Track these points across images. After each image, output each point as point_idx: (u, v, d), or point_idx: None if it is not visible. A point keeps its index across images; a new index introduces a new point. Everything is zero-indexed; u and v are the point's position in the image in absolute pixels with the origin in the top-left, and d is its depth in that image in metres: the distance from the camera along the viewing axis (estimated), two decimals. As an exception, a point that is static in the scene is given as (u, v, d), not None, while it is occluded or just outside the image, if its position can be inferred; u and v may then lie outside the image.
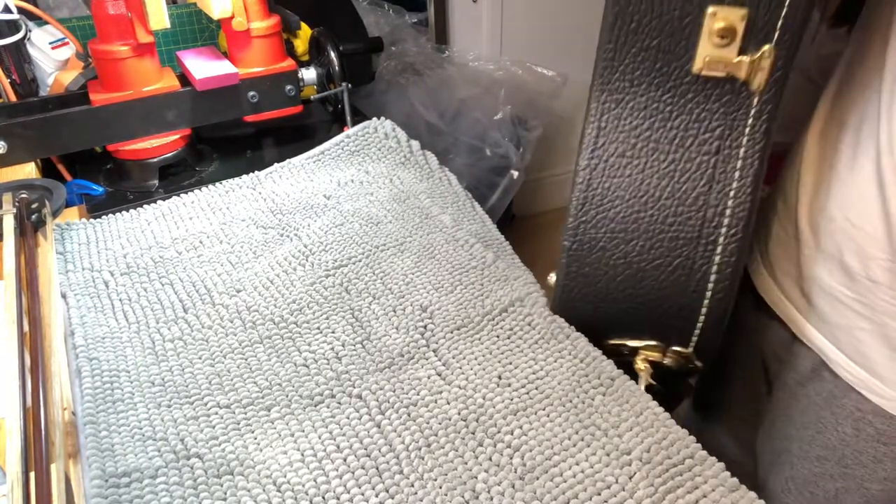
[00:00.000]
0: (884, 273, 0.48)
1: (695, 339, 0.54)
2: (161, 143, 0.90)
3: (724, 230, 0.49)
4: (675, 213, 0.50)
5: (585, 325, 0.57)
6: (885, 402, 0.52)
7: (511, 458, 0.49)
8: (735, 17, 0.43)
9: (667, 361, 0.57)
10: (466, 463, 0.49)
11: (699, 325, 0.53)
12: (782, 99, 0.45)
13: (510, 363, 0.57)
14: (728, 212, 0.49)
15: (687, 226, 0.50)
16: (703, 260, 0.50)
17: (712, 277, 0.51)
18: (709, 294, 0.51)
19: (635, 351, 0.58)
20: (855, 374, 0.53)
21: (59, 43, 0.98)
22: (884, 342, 0.50)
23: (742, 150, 0.47)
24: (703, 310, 0.52)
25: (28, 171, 0.83)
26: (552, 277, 0.58)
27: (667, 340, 0.56)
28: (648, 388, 0.55)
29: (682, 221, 0.50)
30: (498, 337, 0.60)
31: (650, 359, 0.57)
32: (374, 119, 0.94)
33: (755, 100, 0.46)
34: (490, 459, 0.49)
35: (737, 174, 0.48)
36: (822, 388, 0.57)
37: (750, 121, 0.46)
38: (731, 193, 0.48)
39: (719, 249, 0.50)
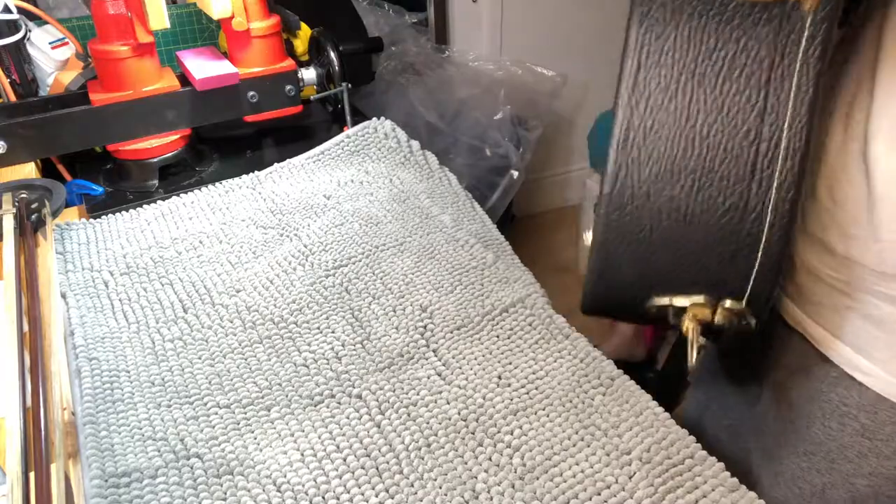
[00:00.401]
0: (864, 252, 0.49)
1: (749, 289, 0.49)
2: (161, 143, 0.90)
3: (779, 165, 0.45)
4: (725, 149, 0.46)
5: (627, 284, 0.52)
6: (871, 381, 0.52)
7: (511, 458, 0.49)
8: None
9: (717, 319, 0.51)
10: (466, 463, 0.49)
11: (754, 272, 0.48)
12: (837, 18, 0.43)
13: (510, 363, 0.57)
14: (783, 144, 0.45)
15: (738, 163, 0.46)
16: (756, 199, 0.46)
17: (768, 218, 0.46)
18: (764, 237, 0.47)
19: (682, 311, 0.52)
20: (843, 355, 0.54)
21: (59, 43, 0.98)
22: (867, 320, 0.51)
23: (795, 78, 0.44)
24: (759, 255, 0.47)
25: (28, 171, 0.83)
26: (587, 236, 0.53)
27: (718, 294, 0.50)
28: (700, 350, 0.51)
29: (733, 158, 0.46)
30: (498, 337, 0.60)
31: (699, 317, 0.51)
32: (374, 119, 0.94)
33: (808, 21, 0.43)
34: (490, 459, 0.49)
35: (790, 104, 0.45)
36: (809, 384, 0.58)
37: (802, 45, 0.43)
38: (785, 125, 0.45)
39: (775, 186, 0.46)
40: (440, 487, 0.47)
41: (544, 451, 0.49)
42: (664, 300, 0.52)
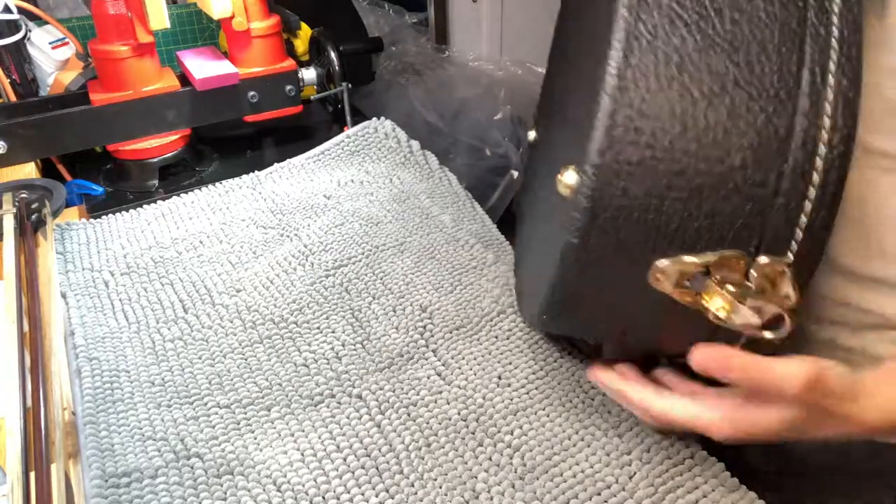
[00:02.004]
0: None
1: (799, 233, 0.36)
2: (161, 143, 0.90)
3: (834, 54, 0.34)
4: (764, 38, 0.35)
5: (630, 234, 0.37)
6: None
7: (511, 458, 0.49)
8: None
9: (751, 283, 0.38)
10: (466, 463, 0.49)
11: (808, 206, 0.35)
12: None
13: (510, 363, 0.57)
14: (835, 27, 0.34)
15: (782, 52, 0.34)
16: (809, 98, 0.34)
17: (827, 123, 0.34)
18: (822, 153, 0.34)
19: (705, 272, 0.38)
20: None
21: (59, 43, 0.98)
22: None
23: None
24: (815, 178, 0.34)
25: (28, 171, 0.83)
26: (570, 177, 0.37)
27: (752, 245, 0.37)
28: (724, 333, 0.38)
29: (775, 48, 0.34)
30: (497, 337, 0.60)
31: (728, 281, 0.37)
32: (374, 119, 0.94)
33: None
34: (490, 459, 0.49)
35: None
36: None
37: None
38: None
39: (832, 81, 0.34)
40: (440, 487, 0.47)
41: (544, 451, 0.49)
42: (679, 261, 0.37)
